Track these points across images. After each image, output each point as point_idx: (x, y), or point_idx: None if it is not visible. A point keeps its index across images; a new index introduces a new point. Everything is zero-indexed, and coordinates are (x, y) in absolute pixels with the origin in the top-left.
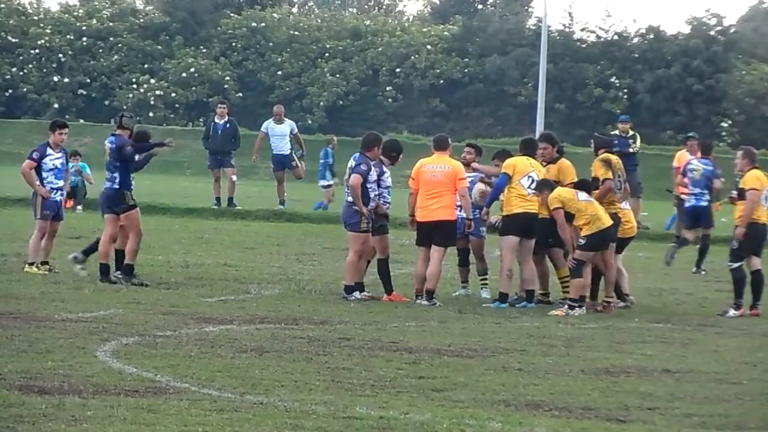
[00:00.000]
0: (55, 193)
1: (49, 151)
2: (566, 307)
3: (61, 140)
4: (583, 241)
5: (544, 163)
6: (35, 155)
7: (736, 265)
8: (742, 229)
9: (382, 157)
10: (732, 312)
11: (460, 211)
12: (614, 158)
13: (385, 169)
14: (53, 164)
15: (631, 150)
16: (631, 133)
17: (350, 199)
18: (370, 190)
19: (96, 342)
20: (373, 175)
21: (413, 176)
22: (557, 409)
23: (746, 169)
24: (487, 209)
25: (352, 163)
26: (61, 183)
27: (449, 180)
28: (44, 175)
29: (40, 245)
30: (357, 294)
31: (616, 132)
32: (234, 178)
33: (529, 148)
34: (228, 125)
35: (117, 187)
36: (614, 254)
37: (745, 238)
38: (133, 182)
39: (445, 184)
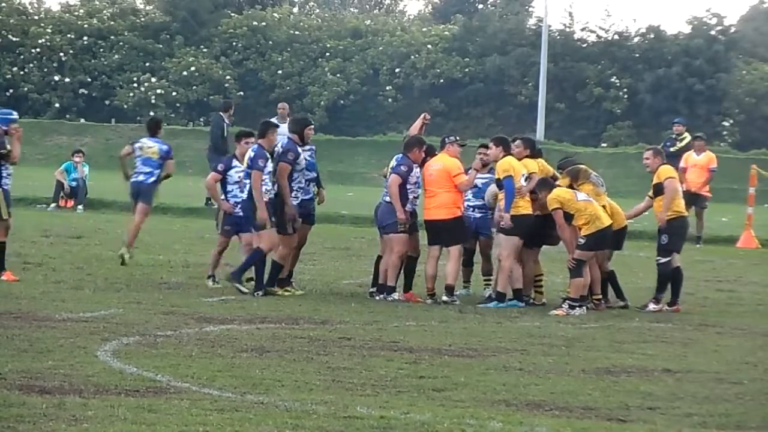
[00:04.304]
0: (239, 208)
1: (234, 163)
2: (567, 306)
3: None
4: (582, 241)
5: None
6: (220, 167)
7: (664, 260)
8: (665, 215)
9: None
10: (651, 306)
11: (473, 211)
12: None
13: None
14: (239, 176)
15: (671, 149)
16: (684, 135)
17: (388, 198)
18: (409, 191)
19: (96, 342)
20: (413, 178)
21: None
22: (558, 408)
23: (656, 167)
24: (507, 213)
25: (393, 163)
26: (245, 195)
27: (442, 178)
28: (229, 188)
29: (218, 259)
30: (395, 295)
31: (673, 135)
32: None
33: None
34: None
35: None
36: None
37: (673, 231)
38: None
39: (439, 183)
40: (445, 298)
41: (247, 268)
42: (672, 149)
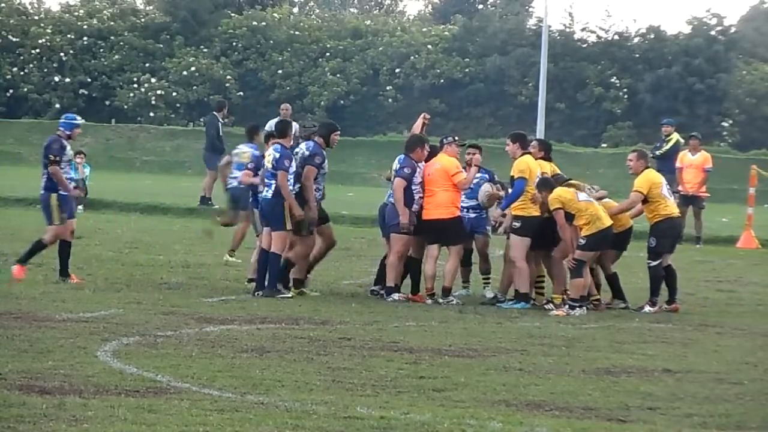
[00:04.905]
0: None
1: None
2: (566, 307)
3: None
4: (583, 241)
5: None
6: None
7: (654, 263)
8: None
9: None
10: (648, 308)
11: (468, 211)
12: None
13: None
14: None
15: (657, 153)
16: (671, 136)
17: (393, 200)
18: (414, 192)
19: (97, 342)
20: (418, 178)
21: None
22: (558, 409)
23: (640, 170)
24: (503, 212)
25: (396, 165)
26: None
27: (441, 178)
28: (260, 188)
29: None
30: (396, 295)
31: (663, 135)
32: None
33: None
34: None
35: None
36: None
37: (660, 234)
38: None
39: (438, 183)
40: (441, 300)
41: (276, 278)
42: (658, 152)
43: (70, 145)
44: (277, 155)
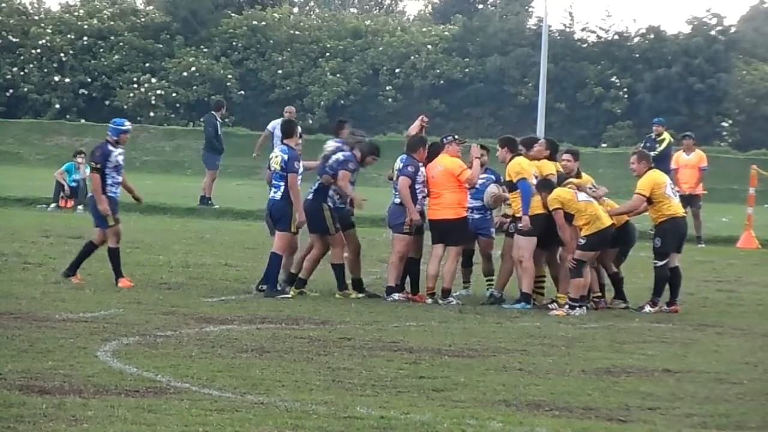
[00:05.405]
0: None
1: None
2: (566, 306)
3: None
4: (583, 241)
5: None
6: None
7: (661, 263)
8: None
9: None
10: (648, 308)
11: (472, 212)
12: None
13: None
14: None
15: (652, 154)
16: (663, 137)
17: (398, 200)
18: (417, 191)
19: (96, 342)
20: (420, 177)
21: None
22: (558, 409)
23: (643, 171)
24: (526, 215)
25: (399, 164)
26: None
27: (445, 179)
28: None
29: (311, 263)
30: (396, 295)
31: (652, 135)
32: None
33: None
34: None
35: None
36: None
37: (665, 234)
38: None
39: (443, 184)
40: (440, 301)
41: (274, 277)
42: (653, 154)
43: (122, 149)
44: (286, 157)
